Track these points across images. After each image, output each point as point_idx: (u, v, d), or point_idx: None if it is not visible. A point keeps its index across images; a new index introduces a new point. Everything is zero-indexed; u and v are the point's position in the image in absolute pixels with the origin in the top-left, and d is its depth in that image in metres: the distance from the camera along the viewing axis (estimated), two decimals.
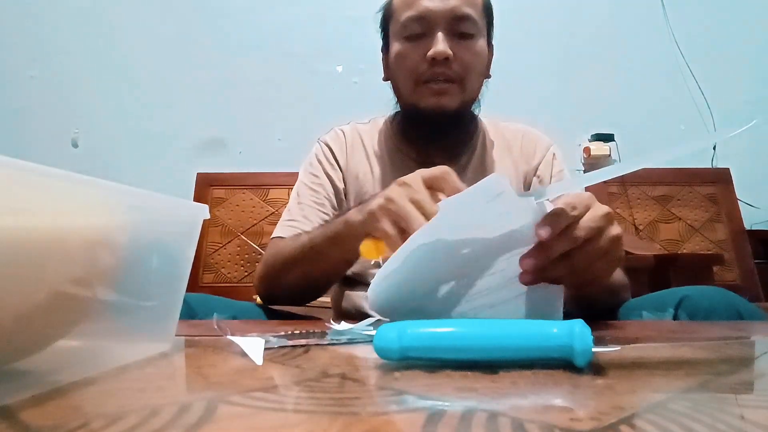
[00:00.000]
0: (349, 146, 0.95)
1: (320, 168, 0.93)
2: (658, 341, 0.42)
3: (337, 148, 0.95)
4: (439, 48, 0.80)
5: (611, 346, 0.39)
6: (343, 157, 0.94)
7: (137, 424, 0.25)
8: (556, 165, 0.95)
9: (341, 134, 0.97)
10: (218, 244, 1.44)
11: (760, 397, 0.32)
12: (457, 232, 0.49)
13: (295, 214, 0.90)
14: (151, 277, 0.44)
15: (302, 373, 0.36)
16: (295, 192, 0.94)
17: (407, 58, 0.85)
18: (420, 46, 0.83)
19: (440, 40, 0.81)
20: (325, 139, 0.97)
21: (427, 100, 0.84)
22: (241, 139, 1.99)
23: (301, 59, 2.00)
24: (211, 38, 2.03)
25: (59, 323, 0.37)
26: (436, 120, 0.85)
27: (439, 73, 0.82)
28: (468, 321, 0.42)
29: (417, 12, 0.83)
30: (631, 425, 0.25)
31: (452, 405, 0.28)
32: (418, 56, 0.83)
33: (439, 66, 0.82)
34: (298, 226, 0.87)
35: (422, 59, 0.82)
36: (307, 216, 0.88)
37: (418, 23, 0.83)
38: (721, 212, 1.59)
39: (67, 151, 2.00)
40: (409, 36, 0.85)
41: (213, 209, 1.40)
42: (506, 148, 0.96)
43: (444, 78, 0.82)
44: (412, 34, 0.84)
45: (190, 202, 0.46)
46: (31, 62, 2.03)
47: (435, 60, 0.81)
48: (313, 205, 0.90)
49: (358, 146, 0.95)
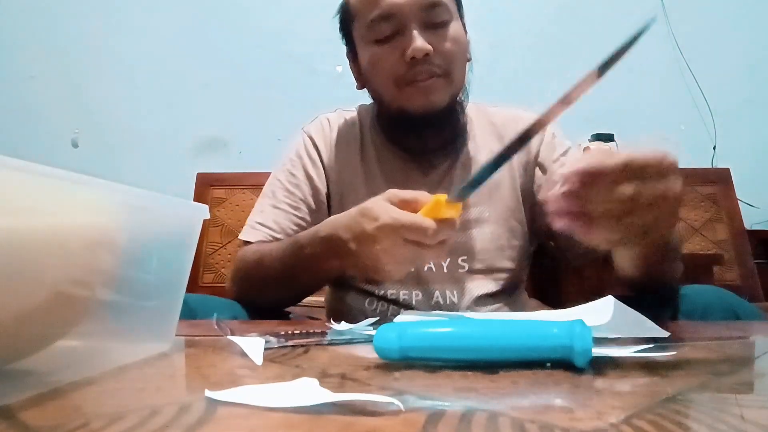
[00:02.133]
0: (335, 139, 0.89)
1: (300, 165, 0.87)
2: (658, 341, 0.42)
3: (321, 141, 0.88)
4: (417, 45, 0.73)
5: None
6: (327, 151, 0.88)
7: (137, 424, 0.25)
8: (559, 146, 0.86)
9: (326, 124, 0.90)
10: (218, 244, 1.44)
11: (760, 397, 0.32)
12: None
13: (267, 217, 0.84)
14: (151, 277, 0.43)
15: (302, 373, 0.36)
16: (269, 189, 0.87)
17: (382, 63, 0.77)
18: (394, 47, 0.76)
19: (416, 37, 0.74)
20: (309, 131, 0.90)
21: (415, 101, 0.77)
22: (241, 139, 1.99)
23: (301, 59, 2.00)
24: (211, 38, 2.03)
25: (59, 323, 0.36)
26: (427, 119, 0.79)
27: (421, 71, 0.75)
28: (468, 321, 0.42)
29: (383, 10, 0.75)
30: (631, 425, 0.25)
31: (452, 405, 0.28)
32: (394, 58, 0.76)
33: (420, 64, 0.75)
34: (268, 232, 0.82)
35: (400, 61, 0.75)
36: (278, 221, 0.83)
37: (387, 22, 0.75)
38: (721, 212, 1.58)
39: (67, 151, 2.00)
40: (379, 38, 0.77)
41: (213, 209, 1.40)
42: (497, 136, 0.88)
43: (428, 75, 0.76)
44: (382, 35, 0.76)
45: (190, 202, 0.46)
46: (31, 62, 2.03)
47: (414, 59, 0.74)
48: (287, 210, 0.84)
49: (343, 138, 0.89)
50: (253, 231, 0.84)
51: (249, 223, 0.85)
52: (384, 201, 0.60)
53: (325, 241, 0.66)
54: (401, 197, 0.60)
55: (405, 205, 0.59)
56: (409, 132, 0.83)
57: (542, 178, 0.85)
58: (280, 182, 0.87)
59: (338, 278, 0.82)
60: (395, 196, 0.60)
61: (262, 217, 0.85)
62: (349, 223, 0.63)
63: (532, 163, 0.86)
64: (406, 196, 0.60)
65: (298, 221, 0.84)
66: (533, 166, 0.86)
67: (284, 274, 0.73)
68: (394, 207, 0.59)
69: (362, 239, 0.61)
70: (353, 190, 0.85)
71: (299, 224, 0.84)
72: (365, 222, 0.60)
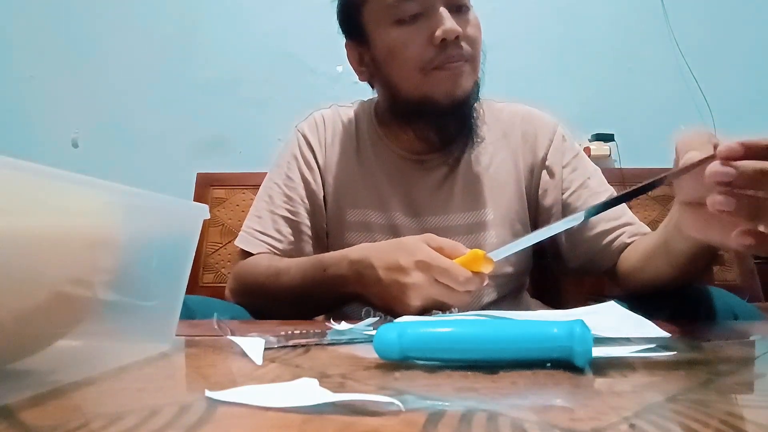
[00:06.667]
0: (329, 137, 0.86)
1: (296, 167, 0.85)
2: (658, 341, 0.42)
3: (315, 140, 0.86)
4: (448, 26, 0.69)
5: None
6: (322, 152, 0.86)
7: (137, 424, 0.25)
8: (568, 149, 0.84)
9: (321, 122, 0.87)
10: (218, 244, 1.44)
11: (760, 397, 0.32)
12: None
13: (267, 224, 0.82)
14: (151, 277, 0.44)
15: (302, 373, 0.36)
16: (266, 193, 0.85)
17: (408, 46, 0.72)
18: (420, 29, 0.71)
19: (447, 17, 0.70)
20: (302, 129, 0.88)
21: (442, 87, 0.72)
22: (241, 139, 1.99)
23: (301, 59, 2.00)
24: (211, 38, 2.03)
25: (59, 323, 0.36)
26: (451, 108, 0.74)
27: (452, 55, 0.71)
28: (468, 321, 0.42)
29: None
30: (631, 425, 0.25)
31: (452, 405, 0.28)
32: (421, 40, 0.71)
33: (450, 47, 0.71)
34: (271, 243, 0.81)
35: (427, 43, 0.71)
36: (280, 230, 0.82)
37: (414, 1, 0.71)
38: None
39: (67, 151, 2.00)
40: (402, 19, 0.72)
41: (213, 209, 1.39)
42: (503, 134, 0.85)
43: (459, 58, 0.72)
44: (406, 15, 0.72)
45: (190, 202, 0.46)
46: (31, 62, 2.03)
47: (444, 41, 0.70)
48: (287, 215, 0.83)
49: (339, 136, 0.86)
50: (253, 240, 0.82)
51: (247, 230, 0.83)
52: (422, 242, 0.61)
53: (353, 264, 0.66)
54: (439, 243, 0.61)
55: (440, 251, 0.60)
56: (429, 123, 0.78)
57: (549, 182, 0.83)
58: (278, 186, 0.85)
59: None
60: (433, 241, 0.61)
61: (261, 224, 0.83)
62: (384, 251, 0.64)
63: (539, 166, 0.83)
64: (443, 244, 0.61)
65: (298, 226, 0.83)
66: (540, 169, 0.83)
67: (302, 292, 0.71)
68: (431, 249, 0.60)
69: (394, 270, 0.62)
70: (350, 190, 0.84)
71: (299, 229, 0.83)
72: (401, 255, 0.61)
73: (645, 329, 0.46)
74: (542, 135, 0.84)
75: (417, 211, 0.82)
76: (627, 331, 0.44)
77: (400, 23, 0.73)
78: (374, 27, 0.76)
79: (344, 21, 0.81)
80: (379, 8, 0.74)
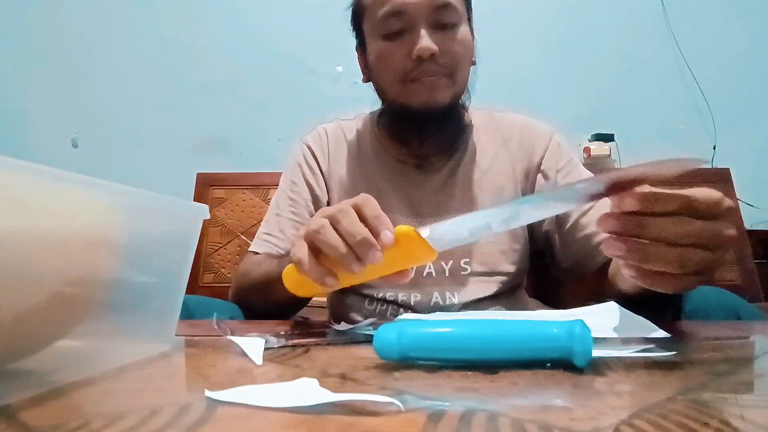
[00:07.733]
0: (332, 147, 0.91)
1: (300, 173, 0.90)
2: (658, 341, 0.42)
3: (319, 150, 0.91)
4: (423, 45, 0.74)
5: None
6: (325, 160, 0.90)
7: (137, 424, 0.25)
8: (563, 155, 0.87)
9: (324, 134, 0.92)
10: (218, 244, 1.44)
11: (760, 397, 0.32)
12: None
13: (272, 226, 0.86)
14: (151, 277, 0.44)
15: (302, 373, 0.36)
16: (275, 200, 0.90)
17: (390, 58, 0.78)
18: (402, 44, 0.77)
19: (424, 36, 0.75)
20: (306, 141, 0.93)
21: (418, 97, 0.78)
22: (241, 139, 1.99)
23: (301, 59, 2.00)
24: (211, 38, 2.03)
25: (59, 323, 0.37)
26: (428, 117, 0.79)
27: (427, 70, 0.76)
28: (468, 321, 0.42)
29: (393, 7, 0.76)
30: (631, 425, 0.25)
31: (452, 405, 0.28)
32: (401, 55, 0.77)
33: (426, 63, 0.76)
34: (274, 242, 0.84)
35: (407, 57, 0.76)
36: (283, 230, 0.85)
37: (397, 19, 0.76)
38: None
39: (67, 151, 2.00)
40: (388, 34, 0.78)
41: (213, 209, 1.40)
42: (502, 141, 0.89)
43: (433, 73, 0.77)
44: (390, 31, 0.77)
45: (190, 202, 0.46)
46: (31, 62, 2.03)
47: (420, 58, 0.75)
48: (291, 217, 0.86)
49: (342, 147, 0.91)
50: (258, 241, 0.86)
51: (257, 235, 0.88)
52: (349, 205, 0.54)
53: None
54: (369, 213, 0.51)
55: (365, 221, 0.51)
56: (411, 129, 0.84)
57: (543, 185, 0.85)
58: (283, 191, 0.89)
59: None
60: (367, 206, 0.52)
61: (267, 227, 0.87)
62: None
63: (534, 170, 0.86)
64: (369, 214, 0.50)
65: (301, 226, 0.82)
66: (535, 173, 0.86)
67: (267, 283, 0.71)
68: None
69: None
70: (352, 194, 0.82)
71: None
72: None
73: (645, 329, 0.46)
74: (539, 142, 0.88)
75: (417, 212, 0.84)
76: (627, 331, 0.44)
77: (386, 38, 0.79)
78: (368, 37, 0.83)
79: (353, 26, 0.88)
80: (372, 22, 0.80)
